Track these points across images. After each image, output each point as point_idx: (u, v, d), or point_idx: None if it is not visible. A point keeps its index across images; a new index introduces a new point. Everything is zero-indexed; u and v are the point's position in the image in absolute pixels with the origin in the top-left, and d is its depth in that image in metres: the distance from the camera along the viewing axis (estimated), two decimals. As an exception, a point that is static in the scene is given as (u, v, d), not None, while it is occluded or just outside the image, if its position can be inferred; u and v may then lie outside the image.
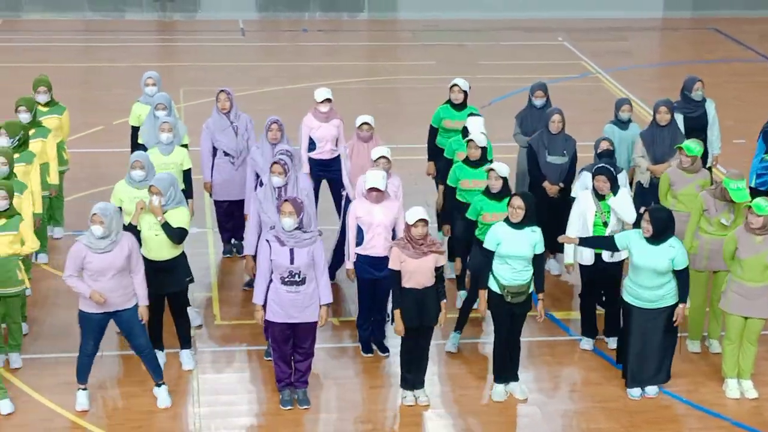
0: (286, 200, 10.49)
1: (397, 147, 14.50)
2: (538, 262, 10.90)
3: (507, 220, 10.83)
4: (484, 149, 12.40)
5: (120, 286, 10.44)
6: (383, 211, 11.41)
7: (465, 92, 13.93)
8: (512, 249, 10.74)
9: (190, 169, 12.94)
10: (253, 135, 13.51)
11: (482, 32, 26.62)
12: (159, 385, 10.88)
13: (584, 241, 11.42)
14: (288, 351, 10.82)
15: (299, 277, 10.47)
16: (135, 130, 14.15)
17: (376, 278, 11.53)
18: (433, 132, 14.07)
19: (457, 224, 12.35)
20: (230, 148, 13.48)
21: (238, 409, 10.91)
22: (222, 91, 13.58)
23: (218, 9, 28.77)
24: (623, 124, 13.81)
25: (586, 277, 11.93)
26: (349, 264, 11.66)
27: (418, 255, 10.55)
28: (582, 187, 12.40)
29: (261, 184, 12.04)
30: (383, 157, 11.93)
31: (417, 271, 10.59)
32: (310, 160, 13.80)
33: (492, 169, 11.67)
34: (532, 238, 10.78)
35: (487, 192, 11.71)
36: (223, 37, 25.92)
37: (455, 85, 13.93)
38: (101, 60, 23.68)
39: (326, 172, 13.85)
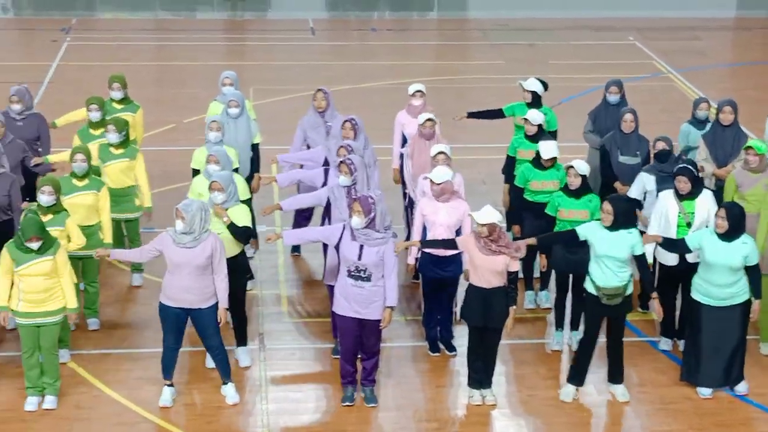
0: (356, 199, 10.52)
1: (465, 147, 14.53)
2: (641, 263, 10.81)
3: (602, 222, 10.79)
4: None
5: (197, 284, 10.50)
6: (448, 211, 11.40)
7: (532, 92, 13.87)
8: (607, 250, 10.68)
9: (237, 168, 13.02)
10: (362, 136, 13.39)
11: (552, 31, 26.50)
12: (226, 383, 10.97)
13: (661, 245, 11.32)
14: (353, 348, 10.84)
15: (365, 273, 10.50)
16: None
17: (440, 277, 11.53)
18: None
19: (527, 225, 12.32)
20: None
21: (305, 406, 10.97)
22: (319, 90, 13.59)
23: (288, 8, 28.92)
24: (700, 123, 13.67)
25: (668, 277, 11.83)
26: (410, 259, 11.68)
27: (486, 252, 10.54)
28: (640, 190, 12.34)
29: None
30: (442, 153, 11.93)
31: (483, 267, 10.57)
32: (404, 155, 13.81)
33: (571, 167, 11.67)
34: (629, 240, 10.69)
35: (565, 189, 11.71)
36: (293, 36, 26.04)
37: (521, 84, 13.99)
38: (173, 59, 23.91)
39: None
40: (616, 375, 11.14)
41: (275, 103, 19.84)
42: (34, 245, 10.37)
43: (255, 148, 13.59)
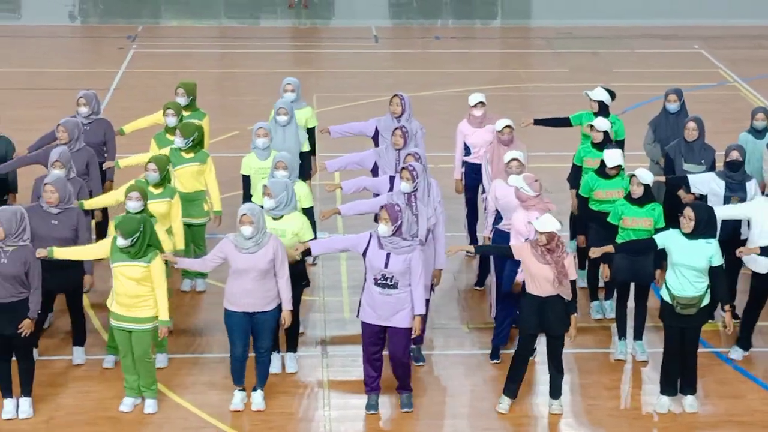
0: (383, 207, 10.52)
1: (528, 155, 14.37)
2: (717, 274, 10.69)
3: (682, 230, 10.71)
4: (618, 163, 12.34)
5: (261, 288, 10.56)
6: (531, 216, 11.27)
7: (599, 102, 13.80)
8: (685, 259, 10.59)
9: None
10: (422, 143, 13.31)
11: (617, 39, 26.32)
12: (256, 390, 10.97)
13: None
14: (375, 355, 10.81)
15: (392, 281, 10.49)
16: None
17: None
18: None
19: (592, 234, 12.25)
20: None
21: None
22: (396, 95, 13.62)
23: (352, 16, 28.99)
24: (758, 133, 13.53)
25: (762, 286, 11.69)
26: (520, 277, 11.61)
27: (542, 261, 10.49)
28: (705, 186, 12.30)
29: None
30: (515, 159, 11.91)
31: (539, 276, 10.52)
32: (466, 164, 13.81)
33: (634, 175, 11.60)
34: (707, 250, 10.59)
35: (629, 197, 11.64)
36: (357, 43, 26.10)
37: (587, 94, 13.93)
38: (236, 66, 24.07)
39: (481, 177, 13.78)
40: (687, 386, 11.01)
41: (338, 111, 19.89)
42: (121, 242, 10.38)
43: (304, 156, 13.60)
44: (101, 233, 13.30)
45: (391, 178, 12.16)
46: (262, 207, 10.89)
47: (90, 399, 11.06)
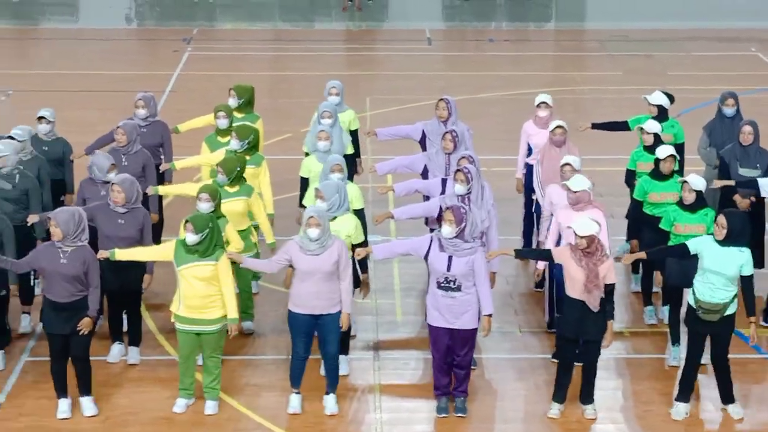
0: (449, 208, 10.52)
1: (582, 158, 14.33)
2: (746, 284, 10.59)
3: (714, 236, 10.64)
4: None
5: (325, 290, 10.59)
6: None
7: (658, 106, 13.73)
8: (715, 265, 10.52)
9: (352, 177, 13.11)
10: (470, 144, 13.22)
11: (672, 42, 26.17)
12: (329, 393, 11.01)
13: None
14: (445, 358, 10.80)
15: (455, 284, 10.49)
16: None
17: None
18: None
19: (645, 238, 12.19)
20: None
21: (418, 416, 10.98)
22: (441, 99, 13.63)
23: (406, 18, 29.04)
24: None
25: None
26: (541, 265, 11.60)
27: (581, 264, 10.45)
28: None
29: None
30: (568, 164, 11.87)
31: (579, 279, 10.47)
32: (527, 165, 13.78)
33: (686, 182, 11.53)
34: (739, 258, 10.49)
35: (680, 203, 11.58)
36: (410, 46, 26.14)
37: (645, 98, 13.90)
38: (290, 68, 24.19)
39: None
40: (724, 395, 10.93)
41: (391, 113, 19.93)
42: (191, 237, 10.43)
43: (347, 158, 13.58)
44: (156, 236, 13.40)
45: (443, 181, 12.17)
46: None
47: (145, 399, 11.15)
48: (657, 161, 12.31)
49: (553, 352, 11.88)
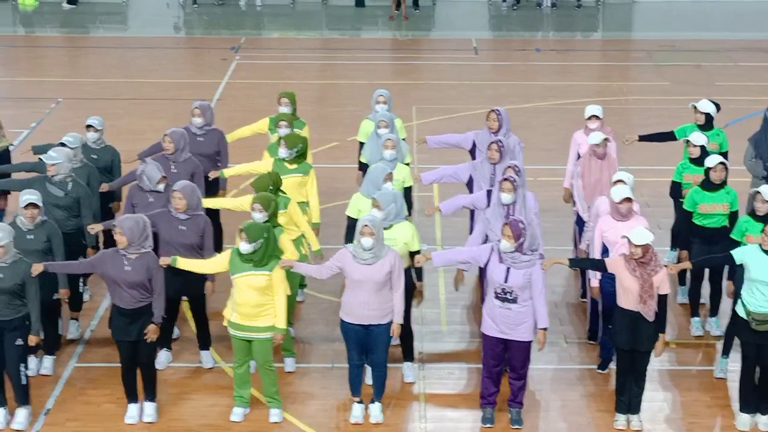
0: (506, 223, 10.50)
1: (628, 169, 14.33)
2: None
3: (761, 246, 10.59)
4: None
5: (377, 300, 10.60)
6: (627, 229, 11.22)
7: (705, 114, 13.69)
8: (763, 275, 10.47)
9: (410, 186, 13.11)
10: (521, 157, 13.26)
11: (720, 53, 26.00)
12: (374, 402, 11.02)
13: None
14: (497, 369, 10.80)
15: (511, 295, 10.48)
16: (363, 146, 14.38)
17: None
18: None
19: (695, 250, 12.12)
20: None
21: (464, 426, 10.99)
22: (492, 111, 13.63)
23: (452, 28, 29.05)
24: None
25: None
26: (594, 282, 11.59)
27: (634, 275, 10.41)
28: None
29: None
30: (620, 181, 11.84)
31: (632, 290, 10.44)
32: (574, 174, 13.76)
33: (758, 192, 11.46)
34: None
35: (752, 214, 11.50)
36: (456, 55, 26.14)
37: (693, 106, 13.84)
38: (337, 77, 24.26)
39: None
40: (762, 403, 10.87)
41: (437, 123, 19.95)
42: (245, 246, 10.50)
43: (408, 191, 13.53)
44: (216, 245, 13.46)
45: (488, 192, 12.18)
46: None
47: (190, 406, 11.24)
48: (707, 171, 12.25)
49: (599, 364, 11.85)
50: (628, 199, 11.43)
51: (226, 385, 11.57)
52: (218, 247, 13.58)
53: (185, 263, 11.03)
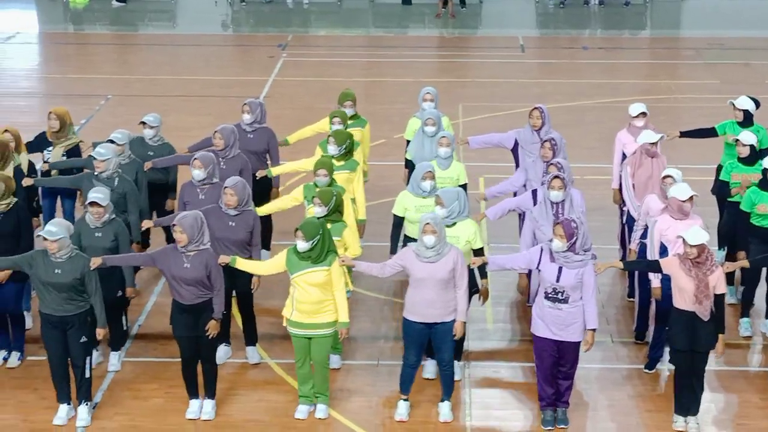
0: (559, 222, 10.48)
1: (676, 167, 14.28)
2: None
3: None
4: None
5: (440, 298, 10.57)
6: (687, 228, 11.16)
7: (743, 111, 13.60)
8: None
9: (466, 184, 13.11)
10: (564, 154, 13.11)
11: (769, 51, 25.82)
12: (444, 400, 10.98)
13: None
14: (551, 369, 10.76)
15: (563, 295, 10.44)
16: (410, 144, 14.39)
17: None
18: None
19: (753, 250, 12.03)
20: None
21: (510, 425, 10.98)
22: (536, 108, 13.59)
23: (499, 26, 29.01)
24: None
25: None
26: (656, 282, 11.53)
27: (689, 275, 10.36)
28: None
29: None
30: (669, 176, 11.79)
31: (687, 290, 10.38)
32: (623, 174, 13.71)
33: None
34: None
35: None
36: (503, 53, 26.11)
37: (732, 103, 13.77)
38: (384, 75, 24.29)
39: None
40: None
41: (483, 121, 19.94)
42: (302, 245, 10.52)
43: (462, 188, 13.59)
44: (265, 242, 13.53)
45: (534, 192, 12.16)
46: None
47: (250, 402, 11.27)
48: (765, 171, 12.16)
49: (646, 363, 11.80)
50: (691, 198, 11.37)
51: (272, 380, 11.64)
52: (266, 244, 13.67)
53: (243, 264, 11.07)
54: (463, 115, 20.43)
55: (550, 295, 10.49)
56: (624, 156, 13.65)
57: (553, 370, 10.78)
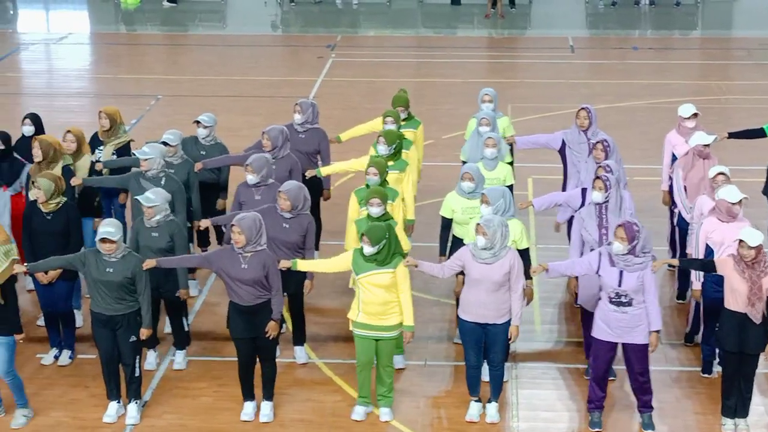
0: (621, 225, 10.38)
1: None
2: None
3: None
4: None
5: (494, 300, 10.56)
6: (733, 230, 11.05)
7: None
8: None
9: (512, 185, 13.08)
10: (617, 155, 12.97)
11: (822, 51, 25.56)
12: (491, 402, 10.97)
13: None
14: (605, 373, 10.71)
15: (626, 298, 10.39)
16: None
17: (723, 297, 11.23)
18: None
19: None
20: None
21: (556, 426, 10.96)
22: (583, 108, 13.54)
23: (548, 26, 28.93)
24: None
25: None
26: (696, 284, 11.48)
27: (744, 276, 10.28)
28: None
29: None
30: (722, 173, 11.70)
31: (740, 291, 10.30)
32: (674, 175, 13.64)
33: None
34: None
35: None
36: (552, 53, 26.03)
37: None
38: (433, 75, 24.29)
39: None
40: None
41: (532, 121, 19.89)
42: (368, 249, 10.50)
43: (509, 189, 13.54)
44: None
45: (584, 191, 12.11)
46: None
47: (297, 402, 11.31)
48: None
49: (702, 367, 11.72)
50: (740, 201, 11.29)
51: (319, 380, 11.68)
52: (315, 244, 13.70)
53: (305, 265, 11.09)
54: (513, 116, 20.36)
55: (613, 300, 10.43)
56: (674, 157, 13.56)
57: (608, 373, 10.73)
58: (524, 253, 11.18)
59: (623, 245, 10.29)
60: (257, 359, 10.90)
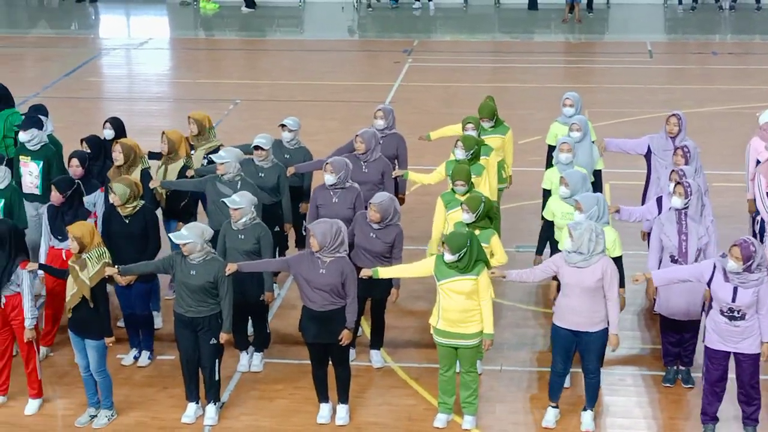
0: (736, 244, 10.11)
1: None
2: None
3: None
4: None
5: (587, 307, 10.43)
6: None
7: None
8: None
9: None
10: (697, 162, 12.82)
11: None
12: (586, 410, 10.84)
13: None
14: (720, 382, 10.50)
15: (739, 313, 10.22)
16: (551, 149, 14.26)
17: None
18: None
19: None
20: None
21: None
22: (673, 115, 13.40)
23: (627, 31, 28.71)
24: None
25: None
26: None
27: None
28: None
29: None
30: None
31: None
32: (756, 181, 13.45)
33: None
34: None
35: None
36: (630, 58, 25.82)
37: None
38: (509, 80, 24.20)
39: None
40: None
41: (610, 126, 19.73)
42: (449, 257, 10.40)
43: (597, 174, 13.54)
44: None
45: (658, 200, 11.99)
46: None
47: (373, 405, 11.33)
48: None
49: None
50: None
51: (395, 384, 11.69)
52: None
53: (387, 272, 11.05)
54: (591, 121, 20.23)
55: (725, 313, 10.28)
56: (758, 164, 13.36)
57: (723, 383, 10.53)
58: (617, 261, 11.03)
59: (738, 264, 10.08)
60: (329, 362, 10.94)
